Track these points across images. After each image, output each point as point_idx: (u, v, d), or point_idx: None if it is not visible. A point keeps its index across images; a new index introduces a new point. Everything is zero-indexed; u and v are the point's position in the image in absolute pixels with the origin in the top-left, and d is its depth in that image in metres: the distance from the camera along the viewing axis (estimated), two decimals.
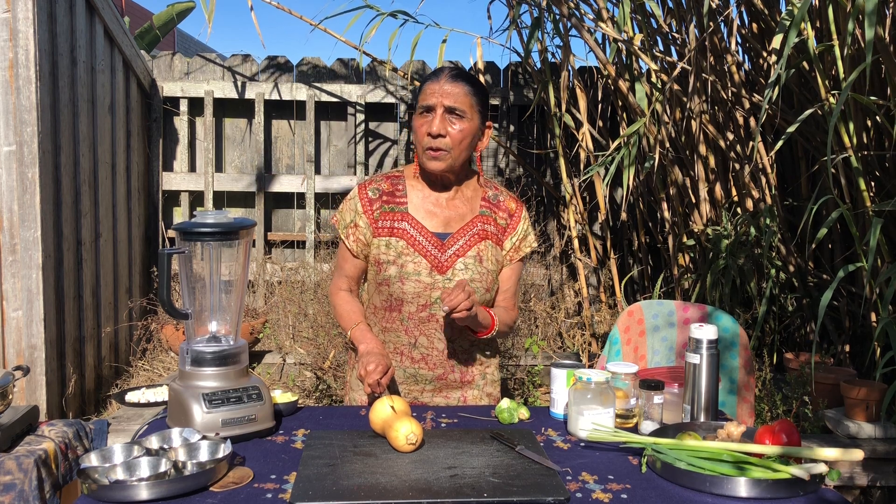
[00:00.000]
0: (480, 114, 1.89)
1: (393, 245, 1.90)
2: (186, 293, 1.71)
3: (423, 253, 1.89)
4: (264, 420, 1.66)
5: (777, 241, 3.71)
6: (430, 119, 1.84)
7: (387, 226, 1.91)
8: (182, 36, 15.09)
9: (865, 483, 2.86)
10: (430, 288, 1.89)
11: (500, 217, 1.97)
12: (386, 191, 1.94)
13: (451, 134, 1.83)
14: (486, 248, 1.92)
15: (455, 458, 1.52)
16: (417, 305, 1.90)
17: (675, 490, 1.39)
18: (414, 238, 1.90)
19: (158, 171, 4.75)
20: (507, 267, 1.99)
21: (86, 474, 1.35)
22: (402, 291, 1.90)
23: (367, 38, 4.26)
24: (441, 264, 1.89)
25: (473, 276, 1.89)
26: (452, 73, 1.86)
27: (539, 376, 3.94)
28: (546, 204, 4.88)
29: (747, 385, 2.42)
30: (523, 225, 2.00)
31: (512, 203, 1.99)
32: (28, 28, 3.20)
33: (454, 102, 1.83)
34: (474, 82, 1.88)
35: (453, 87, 1.83)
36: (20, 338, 3.29)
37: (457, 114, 1.83)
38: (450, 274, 1.89)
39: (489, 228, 1.94)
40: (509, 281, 1.99)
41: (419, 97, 1.88)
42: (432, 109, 1.84)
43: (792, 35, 2.68)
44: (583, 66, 4.74)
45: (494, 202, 1.97)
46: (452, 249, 1.90)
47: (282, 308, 4.42)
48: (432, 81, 1.85)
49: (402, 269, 1.89)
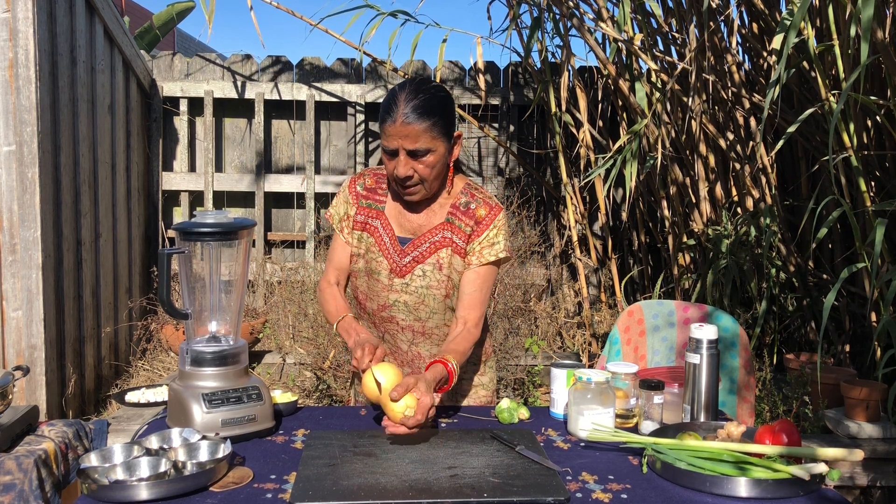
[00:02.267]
0: (446, 136, 1.79)
1: (364, 240, 1.93)
2: (186, 293, 1.70)
3: (385, 254, 1.90)
4: (264, 420, 1.66)
5: (777, 241, 3.71)
6: (395, 161, 1.78)
7: (361, 220, 1.94)
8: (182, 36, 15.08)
9: (866, 483, 2.86)
10: (388, 290, 1.90)
11: (466, 224, 1.88)
12: (369, 186, 1.96)
13: (419, 170, 1.78)
14: (446, 255, 1.88)
15: (455, 458, 1.52)
16: (378, 304, 1.92)
17: (676, 490, 1.39)
18: (381, 238, 1.91)
19: (158, 170, 4.75)
20: (469, 271, 1.87)
21: (86, 474, 1.35)
22: (367, 286, 1.93)
23: (367, 37, 4.26)
24: (400, 268, 1.89)
25: (431, 282, 1.87)
26: (408, 110, 1.73)
27: (539, 376, 3.94)
28: (546, 204, 4.88)
29: (747, 385, 2.42)
30: (491, 232, 1.87)
31: (482, 210, 1.88)
32: (28, 28, 3.20)
33: (414, 144, 1.74)
34: (431, 112, 1.75)
35: (411, 129, 1.73)
36: (20, 338, 3.28)
37: (420, 152, 1.76)
38: (408, 279, 1.87)
39: (450, 235, 1.88)
40: (471, 285, 1.87)
41: (381, 131, 1.79)
42: (395, 153, 1.77)
43: (792, 35, 2.68)
44: (583, 66, 4.74)
45: (464, 209, 1.89)
46: (411, 255, 1.88)
47: (282, 308, 4.42)
48: (389, 122, 1.75)
49: (368, 265, 1.92)
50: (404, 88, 1.77)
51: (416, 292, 1.88)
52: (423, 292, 1.88)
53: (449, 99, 1.82)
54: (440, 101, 1.78)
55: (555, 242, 4.86)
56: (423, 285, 1.88)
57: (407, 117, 1.73)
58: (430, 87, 1.78)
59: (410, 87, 1.77)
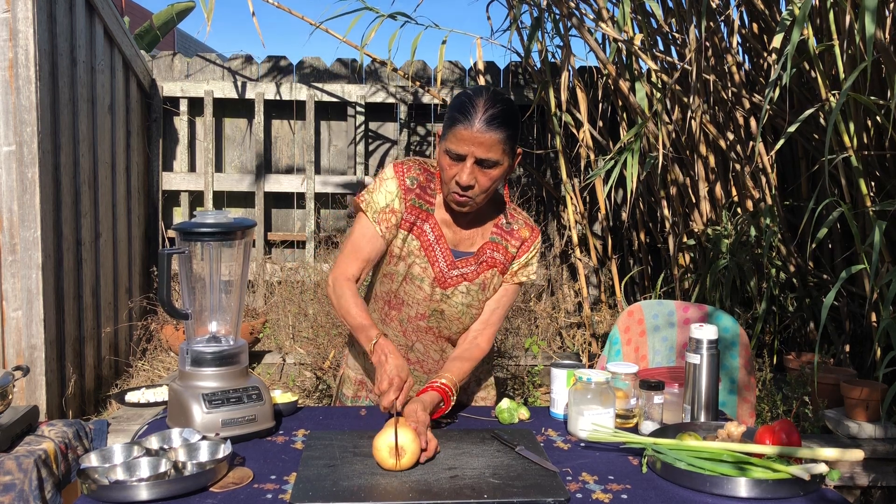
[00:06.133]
0: (512, 151, 1.72)
1: (408, 242, 1.81)
2: (186, 293, 1.70)
3: (432, 261, 1.81)
4: (264, 420, 1.66)
5: (777, 241, 3.71)
6: (460, 167, 1.69)
7: (410, 220, 1.80)
8: (182, 36, 15.08)
9: (866, 483, 2.86)
10: (430, 299, 1.83)
11: (512, 245, 1.85)
12: (421, 184, 1.81)
13: (481, 182, 1.70)
14: (492, 276, 1.85)
15: (455, 458, 1.52)
16: (417, 312, 1.85)
17: (676, 490, 1.39)
18: (429, 243, 1.81)
19: (158, 170, 4.75)
20: (500, 287, 1.87)
21: (86, 474, 1.35)
22: (404, 292, 1.84)
23: (367, 40, 4.26)
24: (445, 280, 1.82)
25: (472, 301, 1.84)
26: (487, 118, 1.65)
27: (539, 376, 3.94)
28: (546, 204, 4.88)
29: (748, 385, 2.42)
30: (531, 254, 1.87)
31: (526, 231, 1.87)
32: (28, 28, 3.20)
33: (487, 154, 1.66)
34: (509, 124, 1.68)
35: (487, 137, 1.65)
36: (20, 338, 3.28)
37: (489, 163, 1.68)
38: (450, 292, 1.82)
39: (497, 256, 1.84)
40: (495, 302, 1.87)
41: (446, 133, 1.70)
42: (462, 158, 1.68)
43: (795, 34, 2.68)
44: (583, 66, 4.74)
45: (507, 230, 1.86)
46: (460, 270, 1.82)
47: (282, 308, 4.42)
48: (464, 125, 1.65)
49: (409, 270, 1.82)
50: (482, 95, 1.68)
51: (455, 307, 1.84)
52: (463, 310, 1.85)
53: (519, 114, 1.75)
54: (515, 115, 1.71)
55: (555, 242, 4.86)
56: (463, 303, 1.84)
57: (485, 125, 1.65)
58: (506, 99, 1.71)
59: (488, 94, 1.69)
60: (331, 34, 4.40)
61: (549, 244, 4.85)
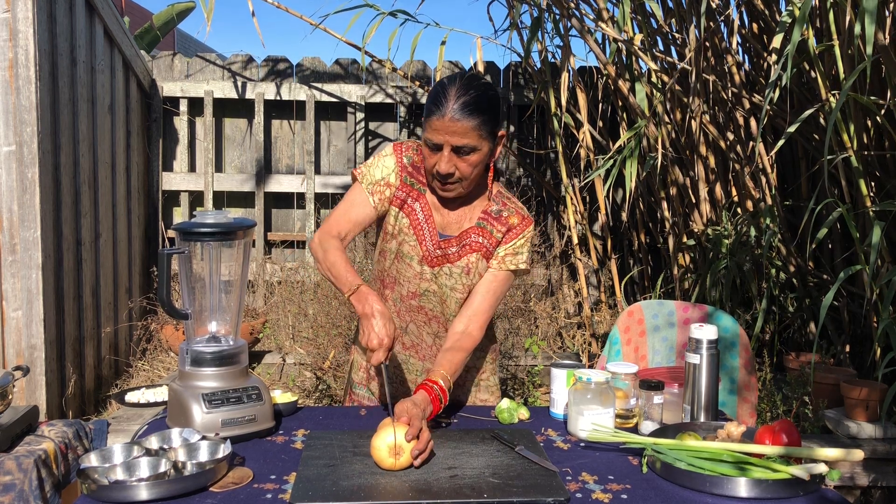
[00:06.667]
0: (491, 135, 1.74)
1: (399, 220, 1.84)
2: (186, 293, 1.70)
3: (420, 239, 1.84)
4: (264, 420, 1.66)
5: (777, 242, 3.71)
6: (438, 156, 1.72)
7: (401, 196, 1.84)
8: (182, 36, 15.08)
9: (866, 483, 2.86)
10: (420, 277, 1.85)
11: (497, 230, 1.86)
12: (415, 164, 1.85)
13: (461, 168, 1.73)
14: (476, 261, 1.85)
15: (455, 458, 1.52)
16: (408, 290, 1.87)
17: (675, 490, 1.39)
18: (419, 222, 1.83)
19: (158, 170, 4.75)
20: (487, 272, 1.86)
21: (86, 474, 1.35)
22: (396, 270, 1.87)
23: (367, 38, 4.26)
24: (432, 259, 1.84)
25: (456, 284, 1.85)
26: (458, 106, 1.67)
27: (539, 376, 3.94)
28: (546, 204, 4.88)
29: (748, 385, 2.42)
30: (519, 241, 1.86)
31: (514, 219, 1.87)
32: (28, 28, 3.20)
33: (462, 141, 1.69)
34: (483, 109, 1.70)
35: (460, 125, 1.67)
36: (20, 338, 3.28)
37: (465, 150, 1.71)
38: (436, 271, 1.84)
39: (482, 241, 1.85)
40: (484, 287, 1.85)
41: (424, 124, 1.73)
42: (439, 147, 1.71)
43: (795, 34, 2.68)
44: (583, 66, 4.74)
45: (496, 216, 1.87)
46: (444, 251, 1.84)
47: (281, 308, 4.42)
48: (437, 116, 1.68)
49: (400, 248, 1.85)
50: (454, 82, 1.71)
51: (442, 288, 1.86)
52: (447, 292, 1.86)
53: (497, 98, 1.77)
54: (490, 100, 1.73)
55: (555, 243, 4.86)
56: (447, 285, 1.85)
57: (457, 113, 1.67)
58: (480, 84, 1.73)
59: (461, 81, 1.71)
60: (330, 34, 4.41)
61: (549, 244, 4.85)
